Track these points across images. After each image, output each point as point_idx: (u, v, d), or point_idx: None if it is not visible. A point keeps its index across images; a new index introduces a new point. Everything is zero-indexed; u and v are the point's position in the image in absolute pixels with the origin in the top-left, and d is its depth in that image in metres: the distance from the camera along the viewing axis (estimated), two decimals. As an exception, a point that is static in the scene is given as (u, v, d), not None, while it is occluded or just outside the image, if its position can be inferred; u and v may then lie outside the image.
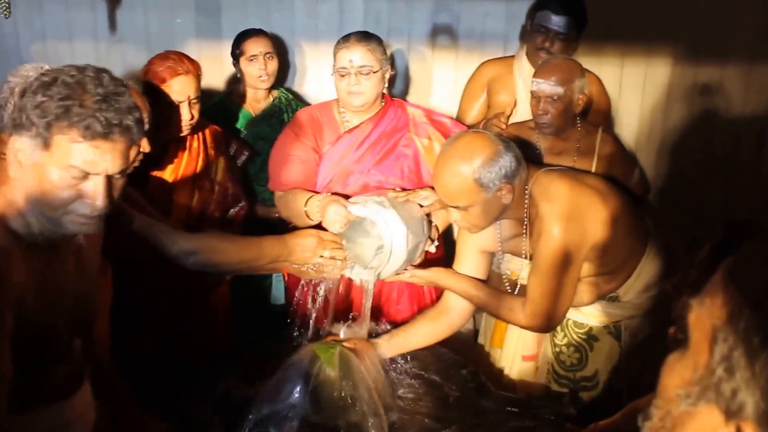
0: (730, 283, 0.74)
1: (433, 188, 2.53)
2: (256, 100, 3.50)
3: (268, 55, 3.40)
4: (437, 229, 2.63)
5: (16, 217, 1.51)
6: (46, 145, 1.44)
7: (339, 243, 2.38)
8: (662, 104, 3.83)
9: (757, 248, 0.77)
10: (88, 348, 1.72)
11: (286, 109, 3.50)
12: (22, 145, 1.46)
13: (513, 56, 3.37)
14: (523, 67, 3.24)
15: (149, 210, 2.35)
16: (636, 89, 3.82)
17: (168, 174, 2.71)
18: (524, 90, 3.21)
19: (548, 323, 2.29)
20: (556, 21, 3.07)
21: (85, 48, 4.03)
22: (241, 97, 3.50)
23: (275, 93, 3.54)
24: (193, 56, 2.76)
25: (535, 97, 2.75)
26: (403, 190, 2.63)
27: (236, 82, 3.61)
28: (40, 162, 1.46)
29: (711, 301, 0.75)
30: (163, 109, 2.60)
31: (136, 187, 2.59)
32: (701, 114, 3.80)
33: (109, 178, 1.49)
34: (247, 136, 3.37)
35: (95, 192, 1.48)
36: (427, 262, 2.59)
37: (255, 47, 3.39)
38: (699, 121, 3.80)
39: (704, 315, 0.75)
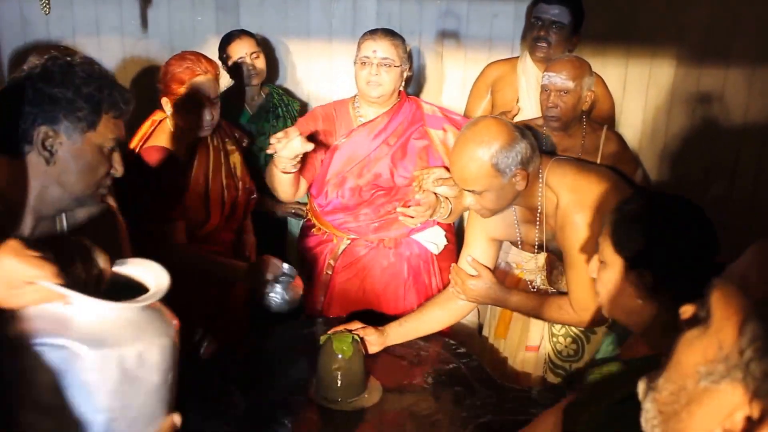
0: (761, 266, 0.73)
1: (446, 168, 2.58)
2: (251, 97, 3.55)
3: (254, 55, 3.43)
4: (449, 201, 2.66)
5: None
6: (93, 125, 1.53)
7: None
8: (665, 106, 3.83)
9: None
10: None
11: (279, 104, 3.57)
12: (54, 133, 1.51)
13: (518, 57, 3.40)
14: (527, 67, 3.28)
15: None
16: (640, 90, 3.82)
17: (201, 179, 2.69)
18: (527, 88, 3.25)
19: (599, 313, 2.19)
20: (549, 9, 3.13)
21: (112, 43, 4.09)
22: (238, 95, 3.53)
23: (267, 90, 3.59)
24: (213, 52, 2.76)
25: (546, 90, 2.77)
26: (410, 183, 2.69)
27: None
28: (82, 142, 1.54)
29: (741, 281, 0.73)
30: (184, 111, 2.59)
31: (173, 194, 2.59)
32: (704, 116, 3.80)
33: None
34: (247, 133, 3.36)
35: (117, 162, 1.62)
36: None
37: (240, 50, 3.41)
38: (701, 123, 3.80)
39: (732, 294, 0.73)
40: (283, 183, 2.62)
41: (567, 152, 2.77)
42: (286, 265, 2.52)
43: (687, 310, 0.81)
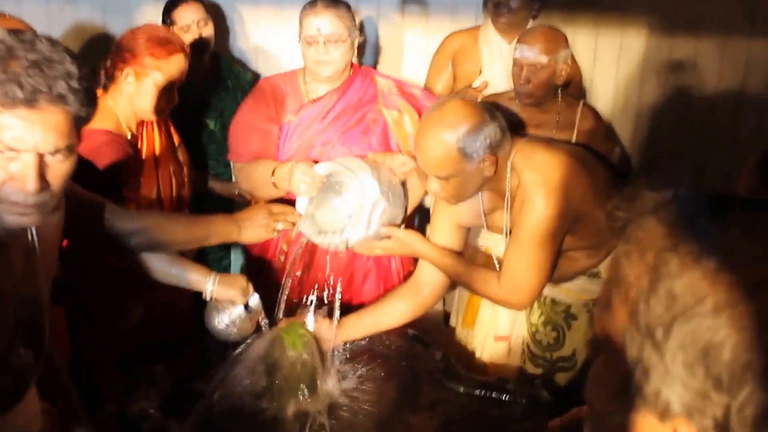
0: (621, 280, 0.73)
1: (411, 155, 2.53)
2: (197, 67, 3.31)
3: (201, 22, 3.23)
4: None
5: None
6: None
7: (291, 212, 2.30)
8: (637, 76, 3.83)
9: (637, 239, 0.74)
10: (38, 358, 1.53)
11: (228, 75, 3.41)
12: None
13: (479, 27, 3.36)
14: (489, 36, 3.24)
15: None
16: (611, 61, 3.81)
17: (151, 166, 2.51)
18: (490, 59, 3.23)
19: (525, 298, 2.25)
20: None
21: (34, 9, 3.78)
22: None
23: (215, 59, 3.41)
24: (149, 20, 2.60)
25: (518, 65, 2.71)
26: None
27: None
28: None
29: (609, 305, 0.74)
30: (147, 92, 2.38)
31: (127, 185, 2.43)
32: (677, 86, 3.81)
33: (42, 158, 1.32)
34: (193, 106, 3.23)
35: (24, 173, 1.30)
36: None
37: (186, 16, 3.22)
38: (675, 94, 3.81)
39: (607, 321, 0.74)
40: (273, 194, 2.56)
41: (540, 128, 2.75)
42: (255, 298, 2.23)
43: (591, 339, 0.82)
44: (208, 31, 3.27)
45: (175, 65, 2.39)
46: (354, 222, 2.35)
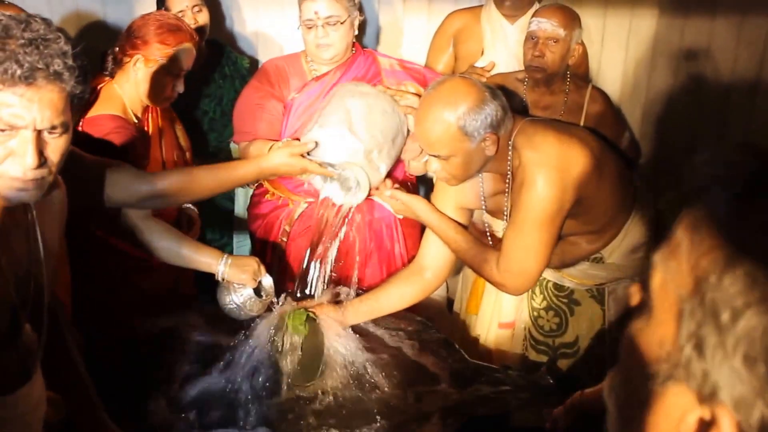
0: (694, 242, 0.64)
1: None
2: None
3: (195, 8, 3.19)
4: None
5: None
6: None
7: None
8: (647, 60, 3.76)
9: (723, 197, 0.65)
10: (40, 336, 1.59)
11: (226, 62, 3.39)
12: None
13: (481, 6, 3.34)
14: (492, 16, 3.22)
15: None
16: (619, 43, 3.74)
17: (157, 150, 2.55)
18: (492, 39, 3.21)
19: (521, 282, 2.21)
20: None
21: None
22: None
23: (212, 46, 3.37)
24: (150, 9, 2.58)
25: (533, 38, 2.71)
26: None
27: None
28: None
29: (675, 264, 0.66)
30: (153, 78, 2.43)
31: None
32: (689, 72, 3.74)
33: (40, 134, 1.38)
34: (191, 94, 3.13)
35: (24, 149, 1.37)
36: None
37: (180, 2, 3.17)
38: (687, 80, 3.75)
39: (669, 281, 0.66)
40: None
41: (548, 110, 2.75)
42: (267, 280, 2.30)
43: (634, 294, 0.75)
44: (203, 17, 3.23)
45: (184, 53, 2.44)
46: (362, 182, 2.35)
